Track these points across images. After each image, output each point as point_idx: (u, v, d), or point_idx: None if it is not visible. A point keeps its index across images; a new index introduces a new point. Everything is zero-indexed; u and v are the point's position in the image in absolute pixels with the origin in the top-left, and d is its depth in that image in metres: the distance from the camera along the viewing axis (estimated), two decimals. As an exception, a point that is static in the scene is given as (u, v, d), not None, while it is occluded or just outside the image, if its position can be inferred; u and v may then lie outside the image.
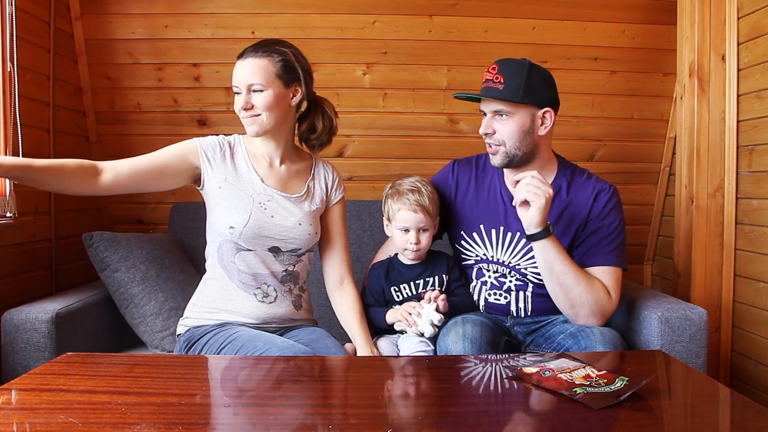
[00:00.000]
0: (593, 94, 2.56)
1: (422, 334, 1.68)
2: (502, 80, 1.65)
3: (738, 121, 2.23)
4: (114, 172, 1.52)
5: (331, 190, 1.80)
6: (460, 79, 2.51)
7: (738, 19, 2.21)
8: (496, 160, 1.73)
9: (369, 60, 2.49)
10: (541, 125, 1.70)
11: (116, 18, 2.39)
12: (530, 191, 1.60)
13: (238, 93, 1.62)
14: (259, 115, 1.61)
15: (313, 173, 1.77)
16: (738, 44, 2.22)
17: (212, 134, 2.42)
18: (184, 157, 1.63)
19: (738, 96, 2.23)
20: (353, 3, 2.43)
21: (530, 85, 1.65)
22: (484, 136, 1.72)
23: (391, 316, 1.74)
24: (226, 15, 2.42)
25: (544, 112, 1.70)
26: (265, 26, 2.42)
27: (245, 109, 1.61)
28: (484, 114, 1.72)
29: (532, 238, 1.64)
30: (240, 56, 1.63)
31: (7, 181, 1.89)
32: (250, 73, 1.60)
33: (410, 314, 1.68)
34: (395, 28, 2.46)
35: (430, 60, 2.50)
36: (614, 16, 2.50)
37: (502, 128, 1.68)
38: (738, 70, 2.22)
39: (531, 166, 1.73)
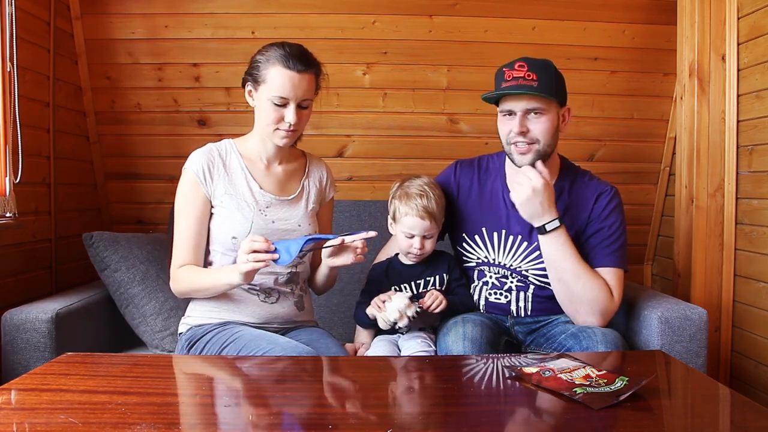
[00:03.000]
0: (593, 94, 2.56)
1: (393, 325, 1.64)
2: (535, 77, 1.63)
3: (738, 121, 2.23)
4: (199, 259, 1.65)
5: (326, 187, 1.80)
6: (460, 79, 2.51)
7: (738, 19, 2.21)
8: (526, 159, 1.66)
9: (369, 60, 2.49)
10: (563, 122, 1.71)
11: (116, 18, 2.39)
12: (514, 189, 1.64)
13: (280, 105, 1.57)
14: (297, 130, 1.61)
15: (308, 172, 1.77)
16: (738, 44, 2.22)
17: (212, 134, 2.47)
18: (200, 195, 1.63)
19: (738, 96, 2.23)
20: (353, 3, 2.43)
21: (558, 83, 1.67)
22: (517, 136, 1.65)
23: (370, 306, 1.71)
24: (226, 15, 2.42)
25: (565, 110, 1.72)
26: (265, 26, 2.42)
27: (291, 125, 1.58)
28: (511, 114, 1.67)
29: (537, 231, 1.66)
30: (287, 65, 1.55)
31: (7, 180, 1.89)
32: (307, 90, 1.59)
33: (383, 302, 1.65)
34: (395, 28, 2.46)
35: (430, 60, 2.50)
36: (614, 16, 2.50)
37: (536, 126, 1.66)
38: (738, 70, 2.22)
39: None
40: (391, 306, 1.62)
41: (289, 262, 1.47)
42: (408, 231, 1.72)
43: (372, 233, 1.54)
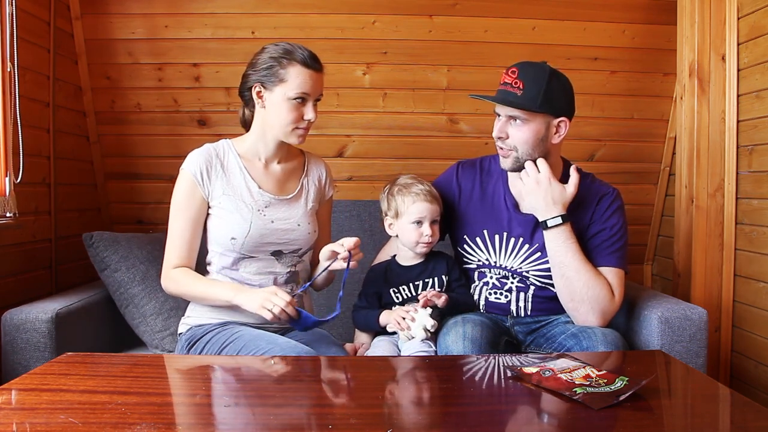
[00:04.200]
0: (593, 94, 2.56)
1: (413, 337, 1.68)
2: (521, 86, 1.63)
3: (738, 121, 2.23)
4: (192, 259, 1.66)
5: (325, 186, 1.80)
6: (460, 79, 2.51)
7: (738, 19, 2.21)
8: (506, 164, 1.72)
9: (369, 60, 2.49)
10: (555, 134, 1.69)
11: (116, 18, 2.39)
12: (521, 180, 1.69)
13: (300, 100, 1.59)
14: (310, 128, 1.64)
15: (306, 170, 1.77)
16: (738, 44, 2.22)
17: (212, 134, 2.47)
18: (197, 196, 1.63)
19: (738, 96, 2.23)
20: (353, 3, 2.43)
21: (549, 94, 1.64)
22: (496, 139, 1.71)
23: (385, 318, 1.73)
24: (226, 15, 2.42)
25: (560, 122, 1.68)
26: (265, 26, 2.42)
27: (310, 122, 1.61)
28: (498, 115, 1.70)
29: (540, 225, 1.69)
30: (307, 64, 1.58)
31: (7, 180, 1.89)
32: (322, 86, 1.63)
33: (404, 318, 1.67)
34: (395, 28, 2.46)
35: (430, 60, 2.50)
36: (614, 16, 2.50)
37: (516, 134, 1.67)
38: (738, 70, 2.22)
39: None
40: (417, 326, 1.65)
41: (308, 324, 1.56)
42: (418, 217, 1.72)
43: (350, 241, 1.57)
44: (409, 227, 1.74)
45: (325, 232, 1.83)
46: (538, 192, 1.66)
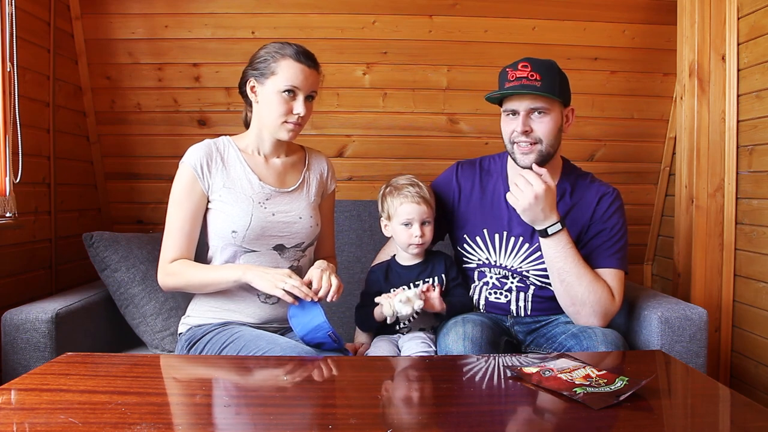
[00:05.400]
0: (593, 94, 2.56)
1: (396, 319, 1.66)
2: (538, 77, 1.63)
3: (738, 121, 2.23)
4: (191, 254, 1.65)
5: (327, 180, 1.81)
6: (460, 79, 2.52)
7: (738, 19, 2.21)
8: (528, 160, 1.67)
9: (369, 60, 2.49)
10: (566, 123, 1.71)
11: (116, 18, 2.40)
12: (514, 193, 1.62)
13: (290, 97, 1.60)
14: (302, 124, 1.64)
15: (308, 164, 1.78)
16: (738, 44, 2.22)
17: (212, 134, 2.47)
18: (196, 189, 1.63)
19: (738, 96, 2.23)
20: (353, 3, 2.43)
21: (561, 83, 1.67)
22: (520, 135, 1.66)
23: (378, 309, 1.72)
24: (226, 15, 2.42)
25: (569, 110, 1.72)
26: (265, 26, 2.43)
27: (300, 116, 1.61)
28: (514, 114, 1.67)
29: (539, 234, 1.66)
30: (298, 59, 1.59)
31: (7, 180, 1.89)
32: (315, 83, 1.63)
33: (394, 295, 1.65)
34: (395, 28, 2.46)
35: (430, 60, 2.50)
36: (614, 16, 2.50)
37: (539, 126, 1.66)
38: (738, 70, 2.22)
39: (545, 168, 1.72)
40: (402, 294, 1.64)
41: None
42: (406, 218, 1.72)
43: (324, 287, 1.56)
44: (399, 228, 1.75)
45: (328, 227, 1.83)
46: (537, 204, 1.60)
